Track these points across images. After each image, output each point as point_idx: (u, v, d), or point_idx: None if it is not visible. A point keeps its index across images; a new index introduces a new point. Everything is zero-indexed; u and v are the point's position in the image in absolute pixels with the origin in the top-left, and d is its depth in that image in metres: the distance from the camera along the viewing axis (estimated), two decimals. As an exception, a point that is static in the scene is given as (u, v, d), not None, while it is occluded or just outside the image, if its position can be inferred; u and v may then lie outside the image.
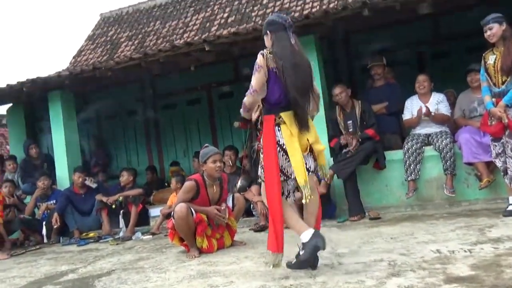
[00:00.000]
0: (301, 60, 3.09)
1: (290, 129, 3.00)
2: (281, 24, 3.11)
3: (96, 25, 12.11)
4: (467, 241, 3.36)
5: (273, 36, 3.11)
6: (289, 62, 2.99)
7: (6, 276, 4.35)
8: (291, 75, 2.97)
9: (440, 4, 5.35)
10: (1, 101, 7.85)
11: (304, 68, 3.08)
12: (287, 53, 3.02)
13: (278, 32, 3.10)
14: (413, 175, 5.16)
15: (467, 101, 5.27)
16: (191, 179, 4.34)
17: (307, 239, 2.90)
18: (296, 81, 2.98)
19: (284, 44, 3.06)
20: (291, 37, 3.11)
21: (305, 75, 3.07)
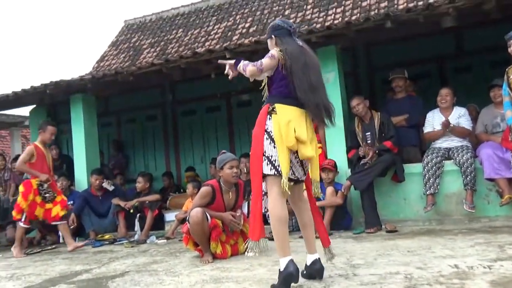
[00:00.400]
0: (311, 59, 3.05)
1: (279, 120, 2.90)
2: (286, 29, 3.09)
3: (120, 32, 12.31)
4: (486, 257, 3.28)
5: (278, 40, 3.08)
6: (299, 62, 2.96)
7: (22, 273, 4.40)
8: (301, 75, 2.93)
9: (464, 18, 5.30)
10: (24, 102, 7.98)
11: (313, 66, 3.03)
12: (297, 53, 2.98)
13: (283, 37, 3.07)
14: (432, 189, 5.08)
15: (489, 116, 5.19)
16: (207, 185, 4.34)
17: (282, 267, 2.82)
18: (306, 81, 2.93)
19: (292, 45, 3.02)
20: (297, 40, 3.10)
21: (315, 73, 3.02)
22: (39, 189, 5.62)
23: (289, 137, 2.88)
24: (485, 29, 6.44)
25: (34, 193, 5.59)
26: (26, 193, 5.56)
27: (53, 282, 3.83)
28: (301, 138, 2.91)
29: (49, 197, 5.68)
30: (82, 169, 7.21)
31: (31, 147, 5.73)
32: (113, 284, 3.52)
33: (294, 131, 2.89)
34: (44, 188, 5.65)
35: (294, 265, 2.80)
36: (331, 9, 8.95)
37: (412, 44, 6.90)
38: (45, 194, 5.65)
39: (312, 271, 2.99)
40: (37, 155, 5.68)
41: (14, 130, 13.09)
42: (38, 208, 5.63)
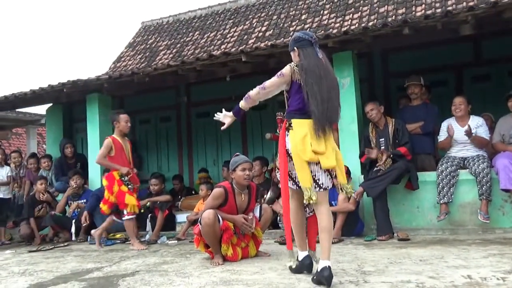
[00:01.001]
0: (326, 73, 3.19)
1: (295, 136, 3.13)
2: (307, 40, 3.25)
3: (137, 33, 12.43)
4: (500, 269, 3.23)
5: (300, 52, 3.24)
6: (314, 76, 3.12)
7: (34, 269, 4.44)
8: (313, 88, 3.09)
9: (483, 26, 5.25)
10: (42, 101, 8.09)
11: (330, 81, 3.19)
12: (313, 67, 3.14)
13: (305, 48, 3.23)
14: (446, 198, 5.03)
15: (507, 126, 5.12)
16: (220, 186, 4.34)
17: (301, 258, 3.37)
18: (319, 93, 3.09)
19: (312, 59, 3.18)
20: (318, 52, 3.24)
21: (331, 88, 3.17)
22: (121, 179, 5.54)
23: (306, 151, 3.09)
24: (504, 38, 6.37)
25: (117, 183, 5.51)
26: (110, 186, 5.50)
27: (65, 279, 3.86)
28: (318, 150, 3.10)
29: (130, 189, 5.60)
30: (96, 168, 7.26)
31: (108, 140, 5.60)
32: (123, 283, 3.53)
33: (310, 145, 3.09)
34: (126, 180, 5.57)
35: (309, 259, 3.34)
36: (348, 15, 8.93)
37: (429, 52, 6.85)
38: (128, 186, 5.58)
39: (320, 278, 3.02)
40: (116, 148, 5.60)
41: (30, 128, 13.29)
42: (127, 196, 5.50)
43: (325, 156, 3.12)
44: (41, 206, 6.96)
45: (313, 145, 3.09)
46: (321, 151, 3.10)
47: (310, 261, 3.32)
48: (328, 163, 3.13)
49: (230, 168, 4.38)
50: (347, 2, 9.44)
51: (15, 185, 7.96)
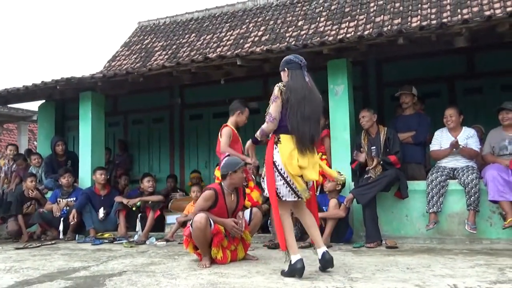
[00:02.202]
0: (311, 94, 3.53)
1: (283, 150, 3.45)
2: (297, 63, 3.60)
3: (133, 33, 12.41)
4: (486, 279, 3.26)
5: (289, 72, 3.59)
6: (298, 95, 3.45)
7: (20, 266, 4.41)
8: (296, 106, 3.43)
9: (477, 39, 5.31)
10: (34, 97, 8.04)
11: (314, 102, 3.54)
12: (298, 87, 3.49)
13: (294, 70, 3.58)
14: (435, 207, 5.06)
15: (497, 138, 5.17)
16: (210, 188, 4.34)
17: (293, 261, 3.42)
18: (300, 112, 3.43)
19: (298, 80, 3.53)
20: (305, 75, 3.58)
21: (314, 107, 3.52)
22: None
23: (293, 165, 3.42)
24: (497, 51, 6.45)
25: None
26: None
27: (51, 277, 3.83)
28: (303, 165, 3.44)
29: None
30: (87, 167, 7.24)
31: (229, 128, 5.09)
32: (110, 282, 3.52)
33: (297, 160, 3.42)
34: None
35: (301, 263, 3.40)
36: (344, 23, 8.99)
37: (423, 63, 6.91)
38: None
39: (324, 262, 3.51)
40: (233, 137, 5.12)
41: (22, 124, 13.21)
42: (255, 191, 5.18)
43: (308, 170, 3.46)
44: (30, 203, 6.92)
45: (299, 160, 3.43)
46: (305, 166, 3.45)
47: (302, 265, 3.39)
48: (311, 176, 3.50)
49: (230, 169, 4.33)
50: (344, 10, 9.50)
51: (5, 180, 7.91)
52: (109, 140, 9.31)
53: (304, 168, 3.44)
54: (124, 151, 9.30)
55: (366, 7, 9.27)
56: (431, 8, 8.37)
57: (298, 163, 3.42)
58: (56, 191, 7.02)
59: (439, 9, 8.19)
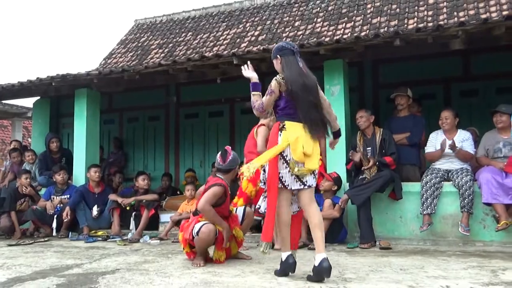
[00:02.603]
0: (309, 80, 3.47)
1: (288, 136, 3.36)
2: (289, 49, 3.53)
3: (130, 31, 12.37)
4: (479, 281, 3.27)
5: (282, 60, 3.52)
6: (299, 85, 3.39)
7: (12, 263, 4.39)
8: (301, 95, 3.38)
9: (473, 42, 5.32)
10: (29, 93, 7.99)
11: (312, 86, 3.47)
12: (295, 76, 3.42)
13: (287, 56, 3.51)
14: (429, 209, 5.07)
15: (492, 141, 5.19)
16: (219, 184, 4.18)
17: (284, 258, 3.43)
18: (306, 99, 3.39)
19: (293, 67, 3.46)
20: (299, 61, 3.52)
21: (313, 93, 3.46)
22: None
23: (297, 152, 3.34)
24: (493, 54, 6.48)
25: None
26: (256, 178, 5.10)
27: (44, 274, 3.81)
28: (307, 153, 3.37)
29: None
30: (81, 164, 7.20)
31: (265, 127, 5.01)
32: (103, 280, 3.51)
33: (302, 147, 3.34)
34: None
35: (292, 259, 3.41)
36: (341, 24, 9.00)
37: (419, 64, 6.93)
38: None
39: (320, 269, 3.23)
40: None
41: (16, 121, 13.14)
42: None
43: (310, 158, 3.40)
44: (23, 200, 6.87)
45: (304, 147, 3.35)
46: (309, 153, 3.37)
47: (294, 260, 3.41)
48: (311, 165, 3.41)
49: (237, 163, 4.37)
50: (341, 11, 9.51)
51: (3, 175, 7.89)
52: (104, 138, 9.28)
53: (307, 156, 3.37)
54: (119, 149, 9.28)
55: (363, 8, 9.29)
56: (427, 10, 8.39)
57: (303, 149, 3.34)
58: (49, 188, 6.99)
59: (436, 12, 8.21)
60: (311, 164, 3.40)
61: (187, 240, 4.20)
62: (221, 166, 4.35)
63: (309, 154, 3.37)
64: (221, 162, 4.36)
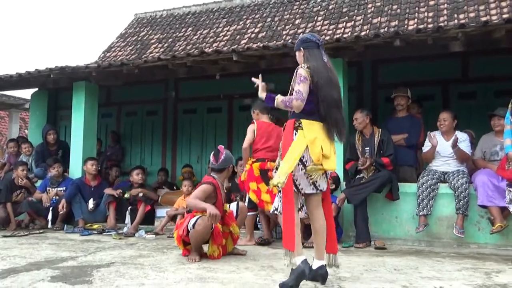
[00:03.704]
0: (334, 76, 3.27)
1: (306, 135, 3.11)
2: (314, 42, 3.30)
3: (129, 24, 12.33)
4: (472, 282, 3.29)
5: (306, 52, 3.28)
6: (324, 78, 3.15)
7: (7, 254, 4.38)
8: (326, 90, 3.14)
9: (473, 44, 5.34)
10: (27, 85, 7.97)
11: (336, 83, 3.28)
12: (322, 69, 3.18)
13: (311, 49, 3.28)
14: (425, 210, 5.09)
15: (489, 143, 5.21)
16: (208, 182, 4.25)
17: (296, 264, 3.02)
18: (331, 95, 3.16)
19: (318, 61, 3.22)
20: (324, 55, 3.30)
21: (337, 90, 3.27)
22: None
23: (316, 154, 3.10)
24: (492, 57, 6.48)
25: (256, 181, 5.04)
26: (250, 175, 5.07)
27: (38, 266, 3.81)
28: (326, 154, 3.14)
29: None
30: (78, 157, 7.18)
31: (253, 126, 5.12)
32: (98, 273, 3.51)
33: (321, 148, 3.11)
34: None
35: (307, 264, 3.04)
36: (341, 23, 8.99)
37: (418, 66, 6.93)
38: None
39: (316, 275, 3.12)
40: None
41: (13, 112, 13.09)
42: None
43: (329, 159, 3.17)
44: (19, 192, 6.86)
45: (323, 149, 3.13)
46: (328, 155, 3.16)
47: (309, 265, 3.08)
48: (330, 166, 3.19)
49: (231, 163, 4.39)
50: (341, 10, 9.50)
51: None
52: (101, 131, 9.26)
53: (326, 158, 3.14)
54: (116, 143, 9.26)
55: (363, 8, 9.28)
56: (428, 11, 8.39)
57: (323, 151, 3.11)
58: (45, 180, 6.97)
59: (436, 13, 8.22)
60: (328, 164, 3.17)
61: (181, 237, 4.20)
62: (214, 165, 4.39)
63: (328, 156, 3.15)
64: (214, 162, 4.40)
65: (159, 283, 3.19)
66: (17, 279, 3.30)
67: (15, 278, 3.33)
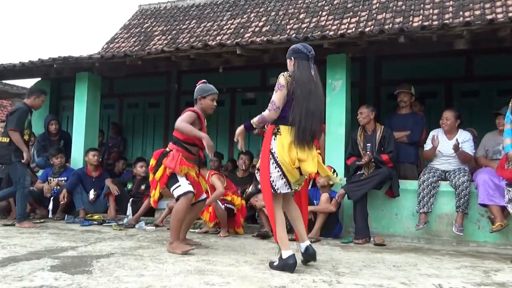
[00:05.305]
0: (316, 88, 3.47)
1: (283, 141, 3.37)
2: (305, 54, 3.51)
3: (133, 16, 12.31)
4: (471, 280, 3.29)
5: (296, 62, 3.49)
6: (304, 90, 3.38)
7: (7, 243, 4.39)
8: (302, 101, 3.36)
9: (478, 42, 5.31)
10: (30, 74, 7.97)
11: (318, 96, 3.49)
12: (305, 80, 3.41)
13: (301, 60, 3.49)
14: (426, 208, 5.09)
15: (492, 142, 5.20)
16: (191, 110, 4.30)
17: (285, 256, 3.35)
18: (306, 107, 3.36)
19: (305, 72, 3.45)
20: (312, 68, 3.50)
21: (318, 102, 3.49)
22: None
23: (291, 157, 3.35)
24: (496, 56, 6.46)
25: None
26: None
27: (38, 255, 3.82)
28: (302, 158, 3.38)
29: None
30: (80, 147, 7.20)
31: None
32: (97, 264, 3.51)
33: (296, 152, 3.36)
34: None
35: (294, 259, 3.34)
36: (346, 18, 8.97)
37: (422, 63, 6.91)
38: None
39: (307, 256, 3.53)
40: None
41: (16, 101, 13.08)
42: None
43: (306, 162, 3.40)
44: (20, 181, 6.86)
45: (298, 153, 3.37)
46: (304, 158, 3.38)
47: (294, 260, 3.33)
48: (309, 168, 3.43)
49: (199, 94, 4.40)
50: (346, 5, 9.47)
51: None
52: (103, 122, 9.26)
53: (303, 161, 3.37)
54: (118, 134, 9.27)
55: (368, 3, 9.25)
56: (433, 8, 8.36)
57: (297, 155, 3.35)
58: (47, 170, 6.99)
59: (441, 10, 8.18)
60: (308, 167, 3.41)
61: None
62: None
63: (304, 159, 3.37)
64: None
65: (158, 275, 3.19)
66: (17, 267, 3.31)
67: (15, 266, 3.34)
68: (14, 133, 5.77)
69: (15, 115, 5.83)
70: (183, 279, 3.09)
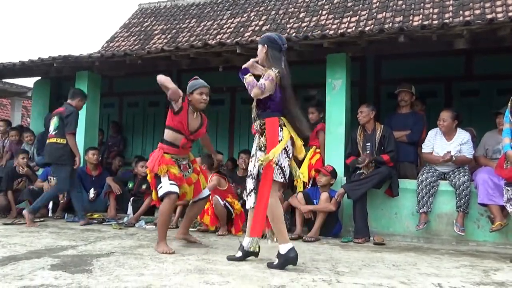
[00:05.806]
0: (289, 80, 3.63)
1: (290, 132, 3.54)
2: (279, 45, 3.60)
3: (133, 15, 12.31)
4: (470, 280, 3.30)
5: (269, 51, 3.57)
6: (287, 81, 3.54)
7: (7, 242, 4.40)
8: (291, 95, 3.56)
9: (477, 42, 5.31)
10: (30, 73, 7.97)
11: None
12: (285, 74, 3.55)
13: (274, 50, 3.57)
14: (425, 207, 5.09)
15: (492, 141, 5.19)
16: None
17: (284, 251, 3.38)
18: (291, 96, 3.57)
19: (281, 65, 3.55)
20: (283, 60, 3.59)
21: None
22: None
23: (298, 145, 3.59)
24: (496, 55, 6.46)
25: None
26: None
27: (38, 254, 3.83)
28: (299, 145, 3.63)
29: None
30: (80, 147, 7.15)
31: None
32: (97, 263, 3.52)
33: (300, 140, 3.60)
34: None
35: (294, 252, 3.37)
36: (346, 17, 8.97)
37: (421, 62, 6.91)
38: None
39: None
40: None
41: (15, 100, 13.11)
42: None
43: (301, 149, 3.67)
44: (20, 180, 6.89)
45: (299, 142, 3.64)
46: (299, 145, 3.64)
47: (295, 253, 3.38)
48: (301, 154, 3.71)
49: (187, 91, 4.44)
50: (346, 5, 9.47)
51: None
52: (103, 121, 9.26)
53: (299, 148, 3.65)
54: (118, 133, 9.27)
55: (368, 3, 9.25)
56: (433, 8, 8.36)
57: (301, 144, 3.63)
58: (47, 168, 6.98)
59: (441, 10, 8.18)
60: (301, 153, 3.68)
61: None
62: None
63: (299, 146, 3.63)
64: None
65: (158, 274, 3.20)
66: (17, 266, 3.31)
67: (15, 265, 3.35)
68: (72, 136, 5.89)
69: (72, 118, 5.89)
70: (183, 278, 3.10)
